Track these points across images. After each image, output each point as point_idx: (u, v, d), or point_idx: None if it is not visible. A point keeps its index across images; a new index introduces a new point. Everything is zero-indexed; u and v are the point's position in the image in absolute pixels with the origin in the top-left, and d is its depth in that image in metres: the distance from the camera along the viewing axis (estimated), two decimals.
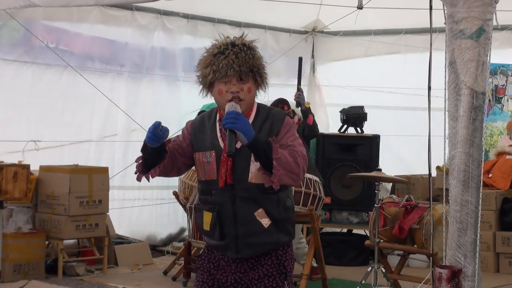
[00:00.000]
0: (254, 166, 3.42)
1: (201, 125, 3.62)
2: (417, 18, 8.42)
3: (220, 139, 3.51)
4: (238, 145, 3.39)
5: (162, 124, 3.45)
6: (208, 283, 3.56)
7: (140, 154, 3.74)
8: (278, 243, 3.51)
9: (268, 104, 7.94)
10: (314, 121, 7.55)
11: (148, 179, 3.76)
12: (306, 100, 7.78)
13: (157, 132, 3.45)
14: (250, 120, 3.47)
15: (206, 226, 3.53)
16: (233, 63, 3.41)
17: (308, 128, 7.52)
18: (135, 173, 3.75)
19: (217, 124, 3.56)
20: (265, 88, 3.54)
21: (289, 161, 3.31)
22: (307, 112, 7.55)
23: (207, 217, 3.52)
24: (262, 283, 3.49)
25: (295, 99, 7.67)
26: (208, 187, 3.54)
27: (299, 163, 3.34)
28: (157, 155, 3.59)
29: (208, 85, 3.56)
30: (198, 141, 3.58)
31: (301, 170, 3.36)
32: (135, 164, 3.72)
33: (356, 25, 9.02)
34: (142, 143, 3.78)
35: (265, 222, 3.44)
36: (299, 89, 7.73)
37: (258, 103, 3.58)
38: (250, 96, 3.46)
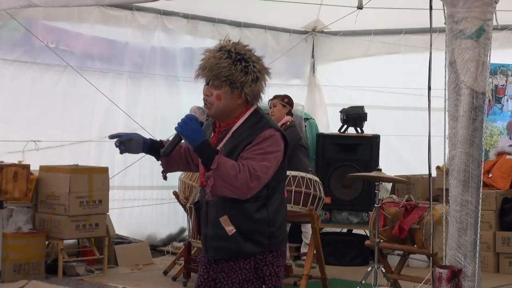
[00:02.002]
0: None
1: (206, 127, 3.74)
2: (417, 18, 8.42)
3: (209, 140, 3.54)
4: (218, 147, 3.48)
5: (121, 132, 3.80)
6: (204, 276, 3.62)
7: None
8: (242, 252, 3.47)
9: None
10: None
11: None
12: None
13: (118, 145, 3.72)
14: (236, 126, 3.48)
15: (194, 222, 3.68)
16: (205, 67, 3.46)
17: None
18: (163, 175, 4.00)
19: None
20: (251, 99, 3.49)
21: (229, 173, 3.30)
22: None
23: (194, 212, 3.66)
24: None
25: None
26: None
27: (238, 177, 3.30)
28: (153, 155, 3.81)
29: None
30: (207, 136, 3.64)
31: (243, 185, 3.31)
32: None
33: (356, 25, 9.02)
34: None
35: (229, 229, 3.45)
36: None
37: (256, 110, 3.53)
38: (219, 103, 3.45)
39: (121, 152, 3.72)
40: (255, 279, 3.49)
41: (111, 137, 3.57)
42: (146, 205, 9.23)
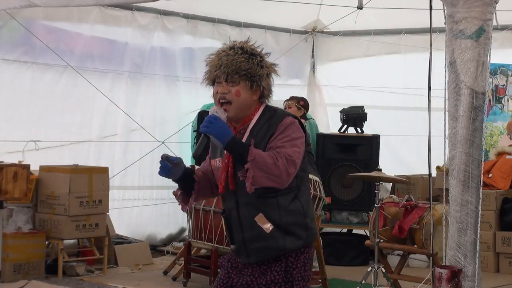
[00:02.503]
0: None
1: None
2: (417, 18, 8.43)
3: None
4: None
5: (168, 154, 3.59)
6: (223, 280, 3.60)
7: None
8: (284, 248, 3.45)
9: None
10: None
11: (191, 204, 3.69)
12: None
13: (164, 163, 3.55)
14: (252, 123, 3.48)
15: (225, 231, 3.59)
16: (221, 64, 3.45)
17: None
18: (179, 204, 3.70)
19: None
20: (267, 94, 3.52)
21: (267, 162, 3.28)
22: None
23: (224, 222, 3.63)
24: None
25: None
26: (222, 193, 3.57)
27: (279, 165, 3.28)
28: (186, 185, 3.59)
29: (210, 85, 3.57)
30: (213, 148, 3.62)
31: (283, 172, 3.30)
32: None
33: (356, 25, 9.02)
34: (142, 142, 3.85)
35: (266, 227, 3.42)
36: None
37: (267, 105, 3.55)
38: (238, 99, 3.44)
39: (162, 173, 3.63)
40: (284, 282, 3.46)
41: (165, 157, 3.58)
42: (146, 205, 9.23)
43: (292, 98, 7.81)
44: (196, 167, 3.82)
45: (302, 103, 7.80)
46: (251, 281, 3.51)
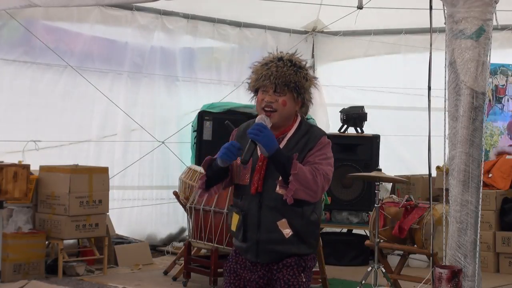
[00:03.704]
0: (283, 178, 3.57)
1: (244, 131, 3.74)
2: (417, 18, 8.43)
3: (258, 148, 3.61)
4: None
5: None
6: (235, 284, 3.73)
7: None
8: (297, 254, 3.64)
9: None
10: None
11: (211, 194, 3.87)
12: None
13: (234, 150, 3.59)
14: (289, 134, 3.66)
15: (233, 227, 3.73)
16: (271, 75, 3.61)
17: None
18: (197, 189, 3.91)
19: None
20: (307, 106, 3.69)
21: (307, 177, 3.48)
22: None
23: (235, 218, 3.70)
24: (281, 273, 3.62)
25: None
26: (240, 191, 3.73)
27: (317, 181, 3.50)
28: (223, 173, 3.72)
29: (254, 92, 3.72)
30: (243, 146, 3.69)
31: (319, 188, 3.52)
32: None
33: (356, 25, 9.02)
34: (141, 142, 3.90)
35: (287, 232, 3.58)
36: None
37: (303, 119, 3.73)
38: (284, 108, 3.62)
39: (225, 157, 3.60)
40: (296, 266, 3.63)
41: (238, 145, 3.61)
42: (146, 205, 9.23)
43: None
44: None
45: None
46: (263, 274, 3.66)
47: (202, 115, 8.94)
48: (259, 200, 3.61)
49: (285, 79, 3.59)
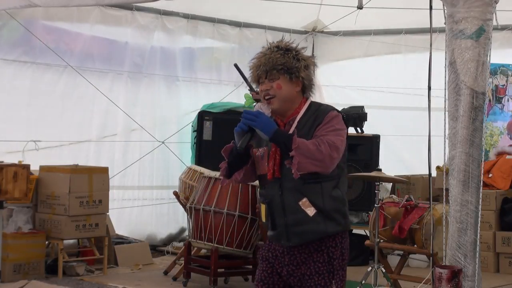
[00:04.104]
0: None
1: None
2: (417, 18, 8.43)
3: None
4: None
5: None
6: (267, 271, 3.78)
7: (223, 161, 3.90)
8: (325, 232, 3.65)
9: None
10: None
11: (233, 182, 3.96)
12: None
13: (244, 126, 3.65)
14: (299, 117, 3.70)
15: (263, 218, 3.82)
16: (260, 64, 3.70)
17: None
18: (219, 176, 3.96)
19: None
20: (308, 85, 3.72)
21: (310, 149, 3.51)
22: None
23: (263, 209, 3.82)
24: (312, 280, 3.67)
25: (254, 99, 7.56)
26: (262, 181, 3.80)
27: (321, 150, 3.51)
28: (242, 158, 3.80)
29: (258, 87, 3.80)
30: (257, 138, 3.78)
31: (326, 156, 3.52)
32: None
33: (356, 25, 9.01)
34: (141, 142, 3.95)
35: (310, 211, 3.62)
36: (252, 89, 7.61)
37: (312, 101, 3.77)
38: (281, 92, 3.67)
39: (239, 128, 3.69)
40: (327, 273, 3.67)
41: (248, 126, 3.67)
42: (146, 205, 9.23)
43: None
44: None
45: None
46: (292, 270, 3.71)
47: (202, 115, 8.93)
48: (279, 184, 3.67)
49: (273, 63, 3.66)
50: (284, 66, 3.66)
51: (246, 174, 3.84)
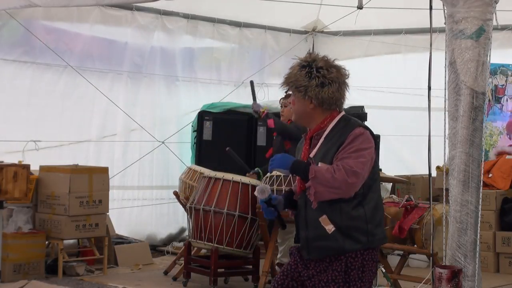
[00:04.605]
0: None
1: (302, 139, 3.97)
2: (417, 18, 8.43)
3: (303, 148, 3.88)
4: (312, 154, 3.77)
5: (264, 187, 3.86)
6: (292, 266, 3.88)
7: None
8: (343, 249, 3.69)
9: None
10: (277, 123, 7.43)
11: None
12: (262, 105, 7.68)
13: (267, 209, 3.86)
14: (328, 130, 3.76)
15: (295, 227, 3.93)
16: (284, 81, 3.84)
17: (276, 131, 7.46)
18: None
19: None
20: (321, 102, 3.76)
21: (326, 178, 3.60)
22: (265, 119, 7.48)
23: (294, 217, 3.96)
24: (328, 287, 3.72)
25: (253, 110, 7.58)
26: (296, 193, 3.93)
27: (336, 178, 3.57)
28: (290, 204, 3.95)
29: None
30: (299, 151, 3.96)
31: (342, 183, 3.58)
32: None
33: (356, 25, 9.02)
34: (141, 142, 4.07)
35: (329, 228, 3.68)
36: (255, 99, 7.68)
37: (344, 115, 3.82)
38: (295, 108, 3.83)
39: (269, 216, 3.95)
40: (342, 283, 3.70)
41: (266, 201, 3.88)
42: (146, 205, 9.23)
43: (287, 96, 7.78)
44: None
45: None
46: (312, 275, 3.76)
47: (202, 115, 8.93)
48: (305, 199, 3.76)
49: (288, 80, 3.79)
50: (293, 83, 3.77)
51: None
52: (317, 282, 3.74)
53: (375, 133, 9.75)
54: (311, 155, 3.77)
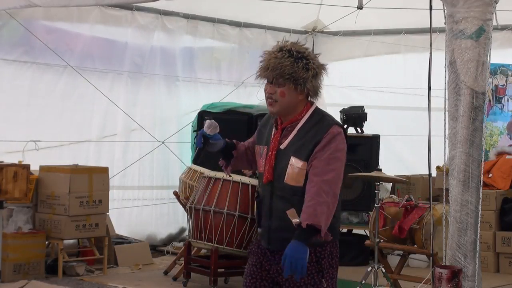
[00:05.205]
0: (291, 169, 3.65)
1: (266, 120, 3.88)
2: (417, 18, 8.43)
3: (272, 136, 3.76)
4: (283, 145, 3.69)
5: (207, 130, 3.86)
6: (256, 266, 3.82)
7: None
8: (311, 243, 3.62)
9: None
10: None
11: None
12: None
13: (201, 138, 3.84)
14: (300, 124, 3.69)
15: (255, 213, 3.89)
16: (268, 67, 3.66)
17: None
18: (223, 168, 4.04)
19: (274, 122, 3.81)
20: (313, 94, 3.71)
21: (325, 213, 3.52)
22: None
23: (255, 205, 3.89)
24: (302, 280, 3.64)
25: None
26: (259, 178, 3.86)
27: (328, 202, 3.54)
28: (226, 155, 3.91)
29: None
30: (260, 134, 3.87)
31: (333, 199, 3.57)
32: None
33: (356, 25, 9.02)
34: (141, 142, 4.03)
35: (295, 221, 3.59)
36: None
37: (316, 108, 3.76)
38: (283, 99, 3.66)
39: (197, 144, 3.89)
40: (316, 273, 3.68)
41: (202, 134, 3.88)
42: (146, 205, 9.23)
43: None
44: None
45: None
46: (281, 269, 3.66)
47: (202, 115, 8.93)
48: (271, 188, 3.71)
49: (280, 71, 3.62)
50: (291, 76, 3.62)
51: (234, 165, 3.95)
52: (288, 276, 3.64)
53: (375, 133, 9.80)
54: (282, 147, 3.68)
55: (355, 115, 8.95)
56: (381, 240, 6.62)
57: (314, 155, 3.60)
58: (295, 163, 3.63)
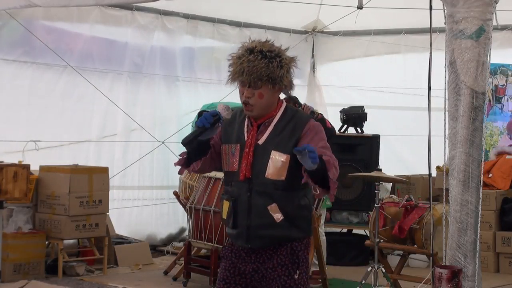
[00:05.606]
0: (273, 163, 3.62)
1: (232, 119, 3.81)
2: (417, 18, 8.42)
3: (245, 134, 3.71)
4: (261, 141, 3.65)
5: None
6: (229, 270, 3.76)
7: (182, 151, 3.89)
8: (289, 237, 3.66)
9: None
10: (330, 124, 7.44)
11: (189, 172, 3.98)
12: (305, 100, 7.70)
13: (209, 118, 3.64)
14: (276, 120, 3.69)
15: (224, 215, 3.76)
16: (243, 71, 3.60)
17: (329, 132, 7.43)
18: (176, 164, 3.89)
19: (246, 120, 3.75)
20: (288, 88, 3.70)
21: (336, 175, 3.53)
22: (323, 119, 7.43)
23: (226, 206, 3.74)
24: (276, 272, 3.66)
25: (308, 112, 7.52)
26: (229, 178, 3.75)
27: (336, 172, 3.54)
28: (202, 149, 3.77)
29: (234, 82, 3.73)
30: (226, 133, 3.79)
31: (335, 175, 3.55)
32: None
33: (356, 25, 9.02)
34: (141, 142, 3.94)
35: (278, 217, 3.61)
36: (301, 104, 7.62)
37: (287, 105, 3.76)
38: (262, 101, 3.63)
39: (200, 123, 3.67)
40: (290, 264, 3.67)
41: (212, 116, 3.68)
42: (146, 205, 9.23)
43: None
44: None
45: (286, 100, 7.71)
46: (257, 267, 3.69)
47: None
48: (249, 185, 3.65)
49: (257, 74, 3.58)
50: (269, 77, 3.59)
51: (203, 164, 3.81)
52: (264, 271, 3.67)
53: (375, 133, 9.79)
54: (260, 142, 3.65)
55: (355, 115, 8.96)
56: (381, 240, 6.62)
57: (319, 148, 3.58)
58: (278, 157, 3.60)
